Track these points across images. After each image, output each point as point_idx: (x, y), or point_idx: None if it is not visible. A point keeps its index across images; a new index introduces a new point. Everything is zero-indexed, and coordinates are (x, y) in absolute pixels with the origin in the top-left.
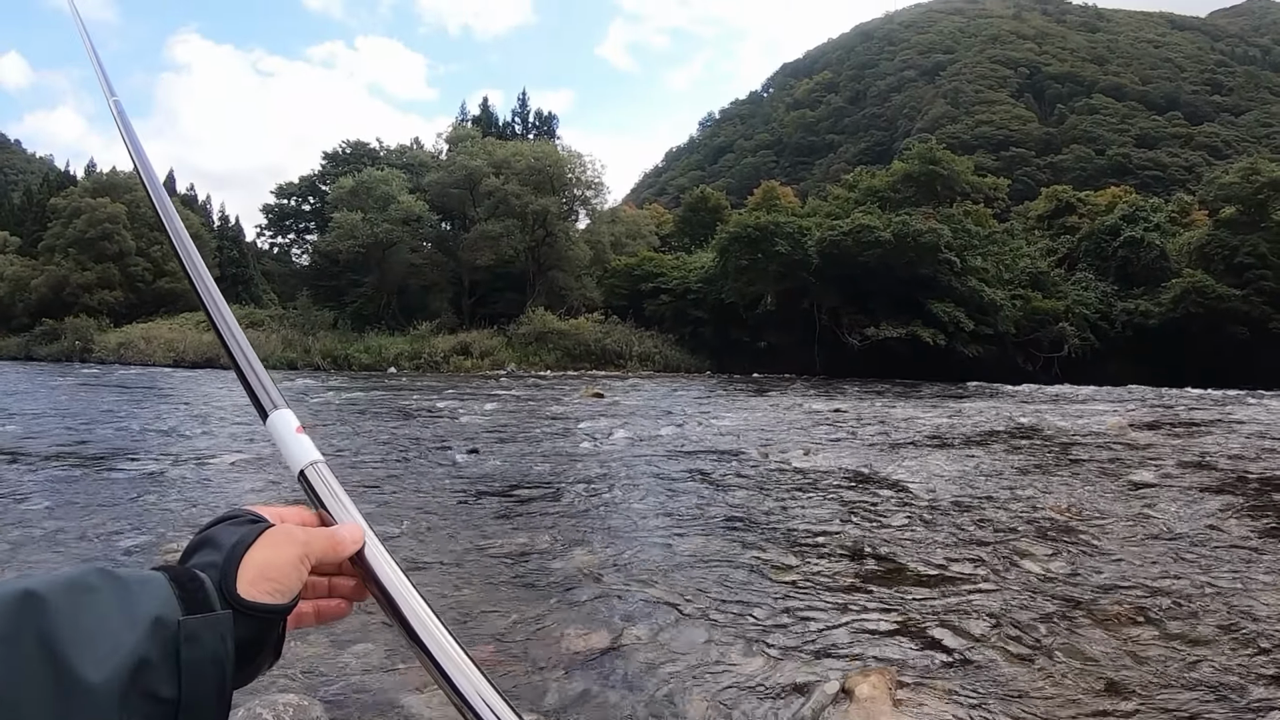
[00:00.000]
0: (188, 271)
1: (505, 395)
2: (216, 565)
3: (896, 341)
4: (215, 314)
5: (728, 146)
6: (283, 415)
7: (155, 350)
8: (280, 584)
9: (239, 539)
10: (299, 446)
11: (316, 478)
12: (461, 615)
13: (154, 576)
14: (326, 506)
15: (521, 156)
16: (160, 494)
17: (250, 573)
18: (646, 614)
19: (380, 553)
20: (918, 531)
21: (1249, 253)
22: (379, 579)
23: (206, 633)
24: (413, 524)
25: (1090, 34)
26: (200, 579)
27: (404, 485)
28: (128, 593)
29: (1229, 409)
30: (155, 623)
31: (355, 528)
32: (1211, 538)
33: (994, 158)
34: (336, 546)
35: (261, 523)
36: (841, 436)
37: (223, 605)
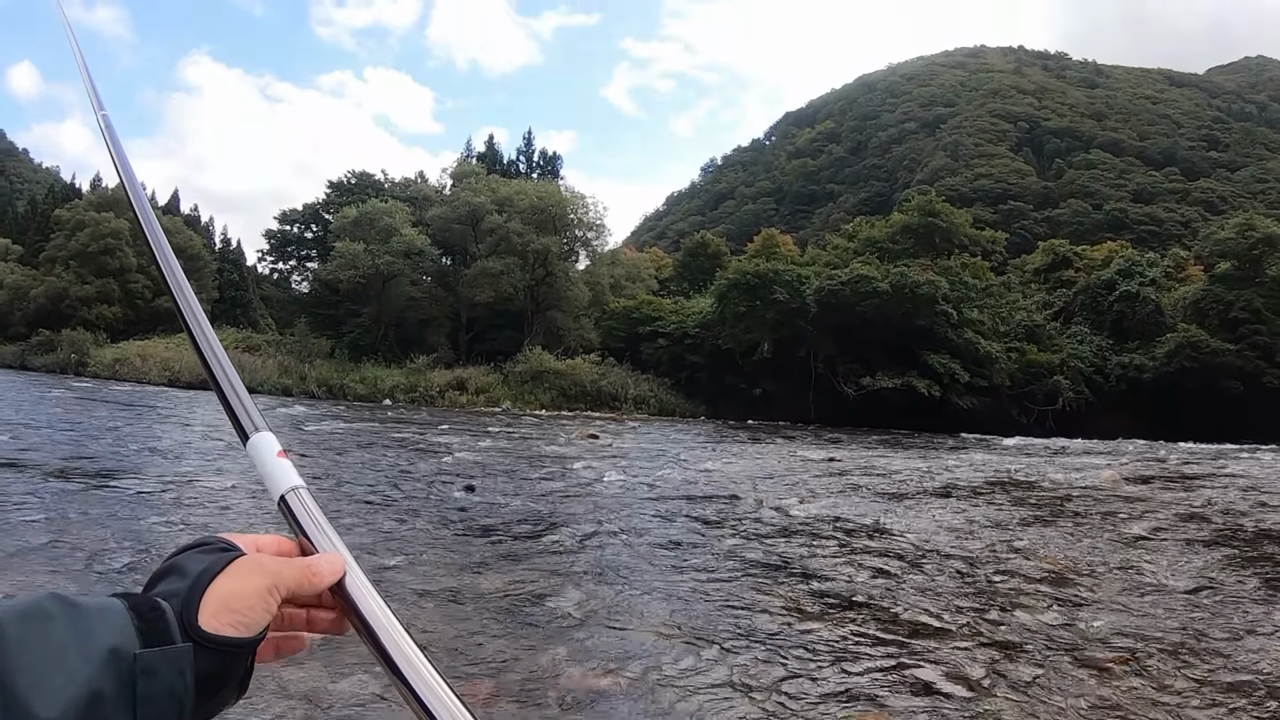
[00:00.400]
0: (170, 288)
1: (500, 433)
2: (179, 594)
3: (892, 392)
4: (197, 331)
5: (729, 193)
6: (264, 438)
7: (151, 369)
8: (245, 616)
9: (205, 567)
10: (280, 471)
11: (298, 504)
12: (459, 651)
13: (112, 605)
14: (308, 534)
15: (525, 195)
16: (156, 514)
17: (214, 604)
18: (644, 655)
19: (362, 584)
20: (914, 580)
21: (1243, 307)
22: (360, 611)
23: (164, 666)
24: (411, 558)
25: (1089, 90)
26: (161, 609)
27: (401, 519)
28: (84, 622)
29: (1222, 463)
30: (111, 654)
31: (335, 558)
32: (1205, 590)
33: (992, 210)
34: (312, 578)
35: (232, 551)
36: (837, 485)
37: (183, 637)
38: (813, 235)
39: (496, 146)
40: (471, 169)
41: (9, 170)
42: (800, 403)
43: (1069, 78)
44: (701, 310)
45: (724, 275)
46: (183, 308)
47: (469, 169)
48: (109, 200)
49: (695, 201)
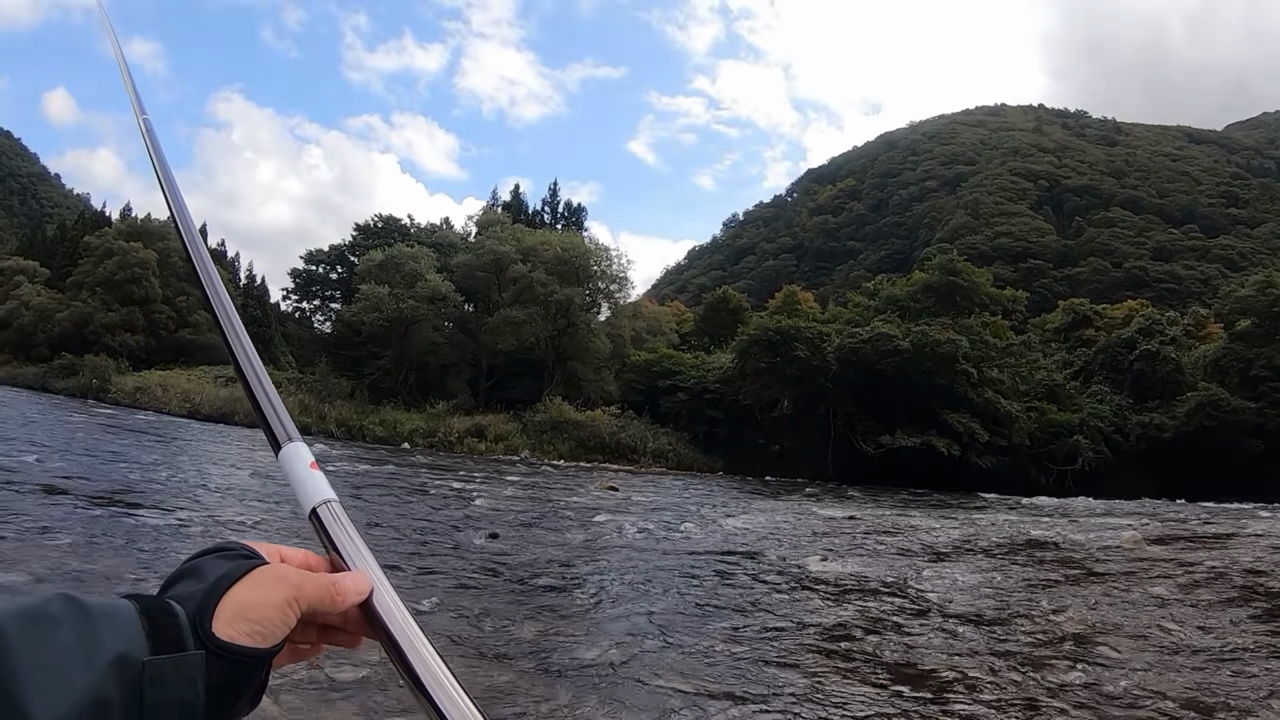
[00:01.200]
0: (206, 293)
1: (520, 482)
2: (195, 598)
3: (911, 450)
4: (232, 338)
5: (750, 248)
6: (297, 449)
7: (171, 399)
8: (262, 627)
9: (224, 573)
10: (312, 483)
11: (329, 517)
12: (491, 698)
13: (122, 607)
14: (339, 549)
15: (549, 245)
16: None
17: (230, 611)
18: (675, 709)
19: (392, 602)
20: (937, 639)
21: (1264, 365)
22: (389, 631)
23: (174, 675)
24: (441, 604)
25: (1109, 148)
26: (174, 613)
27: (427, 564)
28: (91, 626)
29: (1243, 522)
30: (118, 661)
31: (362, 576)
32: (1229, 651)
33: (1012, 269)
34: (335, 596)
35: (255, 559)
36: (857, 544)
37: (196, 644)
38: (833, 292)
39: (522, 196)
40: (497, 217)
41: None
42: (819, 460)
43: (1089, 136)
44: (722, 365)
45: (745, 331)
46: (219, 313)
47: (494, 217)
48: (138, 230)
49: (716, 256)
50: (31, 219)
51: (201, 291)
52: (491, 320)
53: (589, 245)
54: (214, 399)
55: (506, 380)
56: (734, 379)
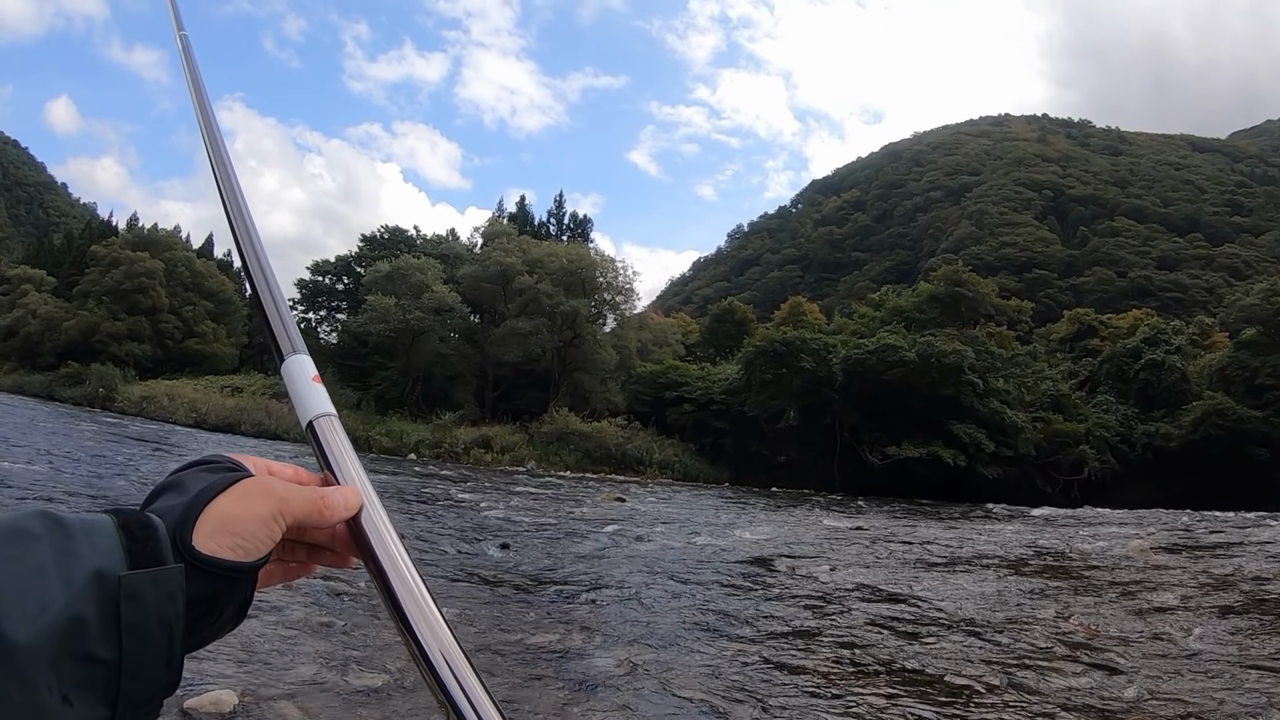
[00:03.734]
0: (224, 199)
1: (527, 493)
2: (175, 511)
3: (917, 461)
4: (245, 241)
5: (754, 259)
6: (300, 361)
7: (178, 409)
8: (244, 540)
9: (206, 486)
10: (312, 396)
11: (325, 431)
12: (512, 709)
13: (101, 523)
14: (331, 464)
15: (555, 257)
16: None
17: (211, 524)
18: (688, 715)
19: (381, 522)
20: (946, 646)
21: (1270, 374)
22: (374, 552)
23: (152, 590)
24: (456, 613)
25: (1113, 157)
26: (153, 527)
27: (440, 573)
28: (69, 542)
29: (1250, 531)
30: (95, 577)
31: (352, 491)
32: (1233, 658)
33: (1017, 279)
34: (324, 510)
35: (240, 472)
36: (865, 553)
37: (175, 558)
38: (838, 303)
39: (528, 207)
40: (503, 229)
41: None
42: (825, 471)
43: (1092, 145)
44: (727, 376)
45: (751, 342)
46: (234, 217)
47: (501, 229)
48: (145, 240)
49: (721, 267)
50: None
51: (218, 188)
52: (498, 331)
53: (594, 257)
54: (220, 409)
55: (512, 391)
56: (740, 390)
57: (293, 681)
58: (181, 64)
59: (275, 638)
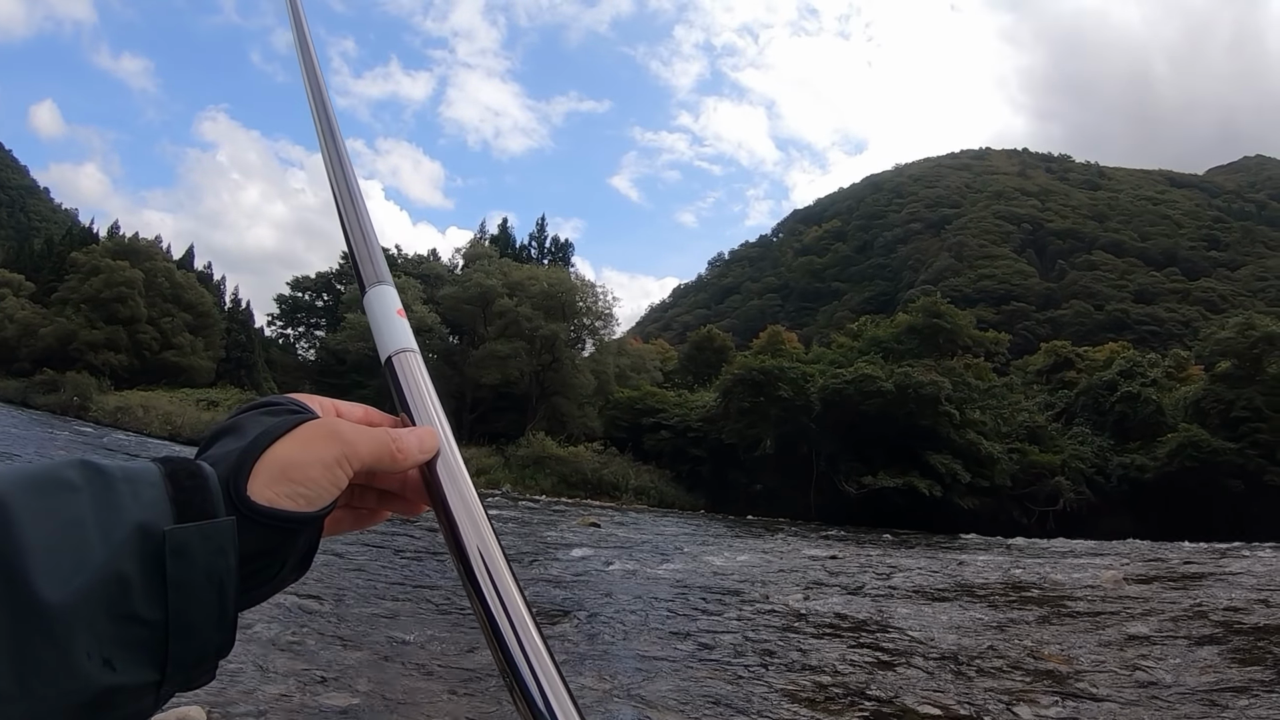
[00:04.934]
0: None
1: (501, 515)
2: (229, 459)
3: (893, 491)
4: (334, 166)
5: (735, 287)
6: (384, 292)
7: (152, 420)
8: (305, 488)
9: (265, 430)
10: (394, 329)
11: (404, 368)
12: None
13: (146, 471)
14: (409, 404)
15: (536, 281)
16: None
17: (269, 471)
18: None
19: (457, 470)
20: (919, 675)
21: (1244, 406)
22: (447, 502)
23: (201, 545)
24: (428, 636)
25: (1092, 191)
26: (202, 476)
27: (412, 595)
28: (109, 493)
29: (1224, 562)
30: (138, 531)
31: (428, 433)
32: (1208, 687)
33: (995, 311)
34: (396, 454)
35: (304, 414)
36: (839, 583)
37: (228, 509)
38: (817, 332)
39: (510, 230)
40: (484, 251)
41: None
42: (801, 500)
43: (1072, 179)
44: (705, 404)
45: (729, 370)
46: (323, 136)
47: (482, 250)
48: (125, 249)
49: (701, 295)
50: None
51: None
52: (476, 354)
53: (575, 281)
54: (195, 422)
55: (490, 414)
56: (717, 418)
57: (262, 699)
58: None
59: (244, 654)
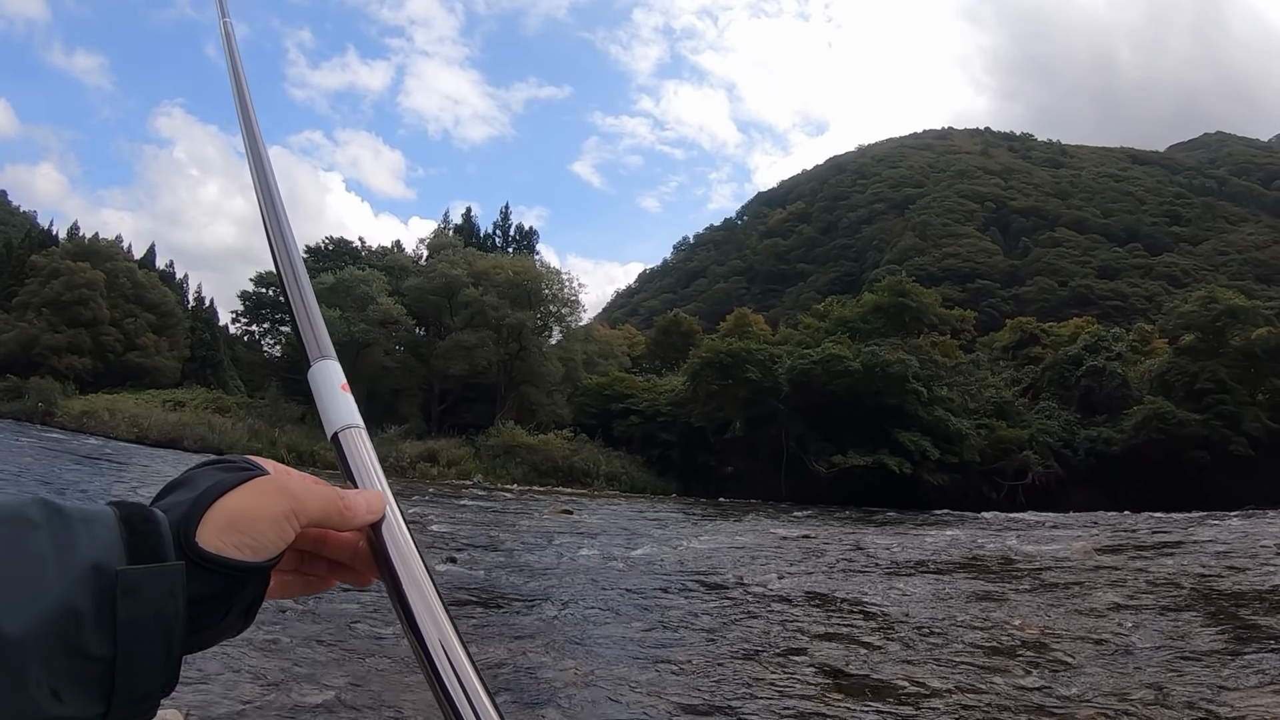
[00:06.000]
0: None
1: (474, 506)
2: (181, 507)
3: (863, 470)
4: (278, 242)
5: (700, 271)
6: (328, 367)
7: (119, 423)
8: (252, 538)
9: (216, 482)
10: (339, 405)
11: (351, 444)
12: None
13: (102, 514)
14: (357, 479)
15: (501, 269)
16: None
17: (218, 521)
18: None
19: (401, 533)
20: (895, 650)
21: (1208, 378)
22: (394, 568)
23: (150, 586)
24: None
25: (1054, 169)
26: (155, 521)
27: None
28: (68, 532)
29: (1191, 530)
30: (92, 569)
31: (376, 495)
32: (1177, 651)
33: (960, 289)
34: (344, 511)
35: (255, 471)
36: (813, 561)
37: (177, 554)
38: (784, 314)
39: (474, 219)
40: (449, 240)
41: None
42: (772, 481)
43: (1034, 158)
44: (674, 388)
45: (697, 354)
46: (267, 215)
47: (446, 240)
48: (85, 250)
49: (667, 279)
50: None
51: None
52: (443, 344)
53: (540, 269)
54: (163, 423)
55: (459, 405)
56: (686, 402)
57: (239, 699)
58: (225, 52)
59: (221, 655)
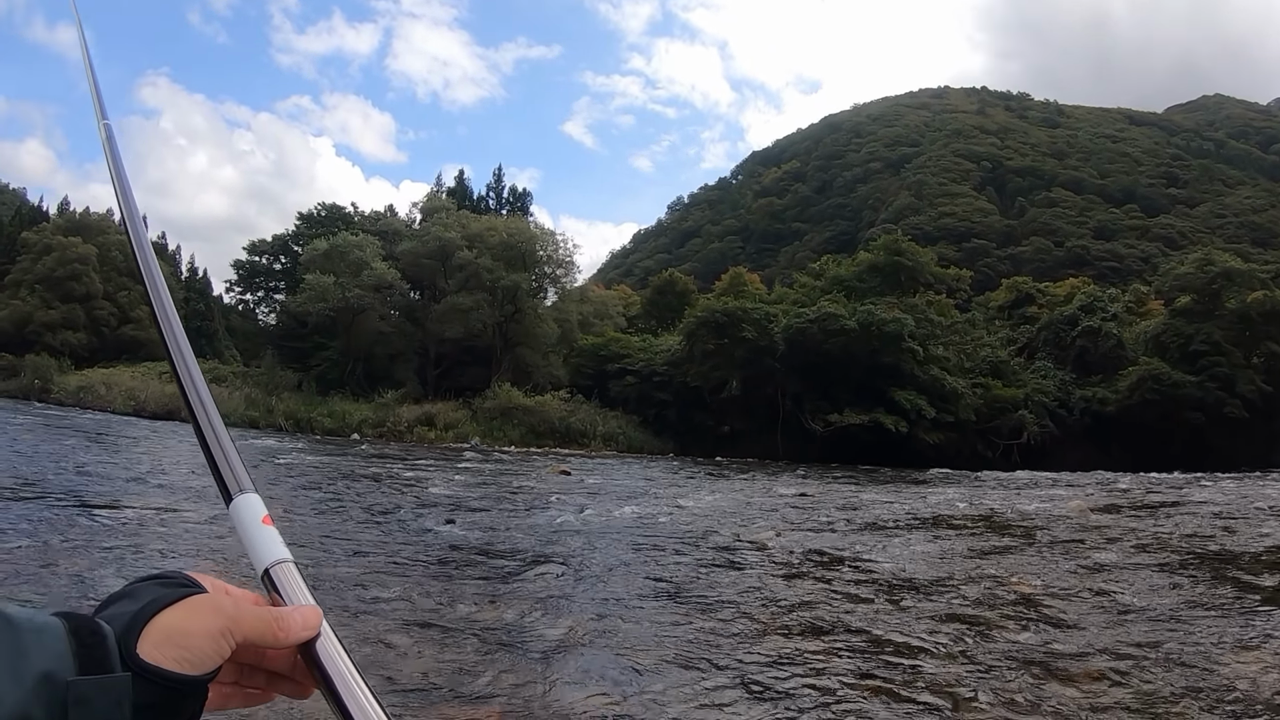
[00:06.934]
0: (159, 325)
1: (472, 469)
2: (123, 620)
3: (859, 428)
4: (186, 378)
5: (695, 231)
6: (249, 501)
7: (116, 397)
8: (190, 653)
9: (156, 597)
10: (264, 541)
11: (284, 580)
12: (463, 677)
13: (51, 624)
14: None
15: (495, 231)
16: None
17: (157, 634)
18: (637, 680)
19: (336, 649)
20: (892, 606)
21: (1203, 340)
22: (332, 682)
23: (100, 697)
24: (402, 590)
25: (1051, 129)
26: (102, 633)
27: (387, 553)
28: (18, 641)
29: (1185, 491)
30: (43, 679)
31: (312, 611)
32: (1171, 608)
33: (956, 249)
34: (277, 631)
35: (193, 588)
36: (810, 520)
37: (123, 666)
38: (779, 273)
39: (467, 182)
40: (442, 203)
41: None
42: (768, 440)
43: (1031, 118)
44: (669, 348)
45: (692, 313)
46: (171, 347)
47: (439, 204)
48: (77, 225)
49: (662, 239)
50: None
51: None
52: (438, 308)
53: (534, 230)
54: (159, 396)
55: (455, 368)
56: (682, 361)
57: None
58: (105, 154)
59: None
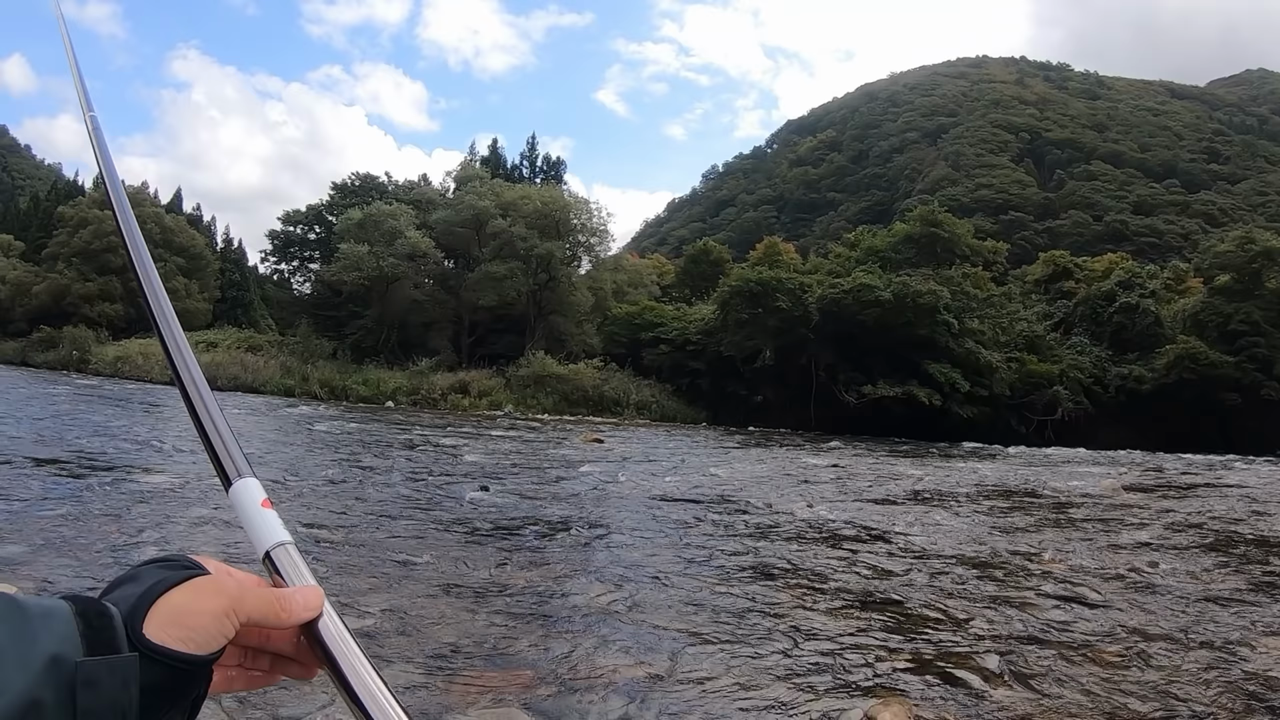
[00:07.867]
0: (151, 311)
1: (506, 436)
2: (129, 600)
3: (892, 400)
4: (180, 361)
5: (729, 200)
6: (247, 485)
7: (152, 367)
8: (194, 633)
9: (160, 579)
10: (264, 524)
11: (284, 562)
12: (495, 644)
13: (58, 608)
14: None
15: (529, 200)
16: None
17: (163, 615)
18: (669, 647)
19: (338, 628)
20: (922, 580)
21: (1242, 320)
22: (336, 661)
23: (108, 677)
24: (437, 555)
25: (1091, 101)
26: (109, 615)
27: (422, 518)
28: (26, 625)
29: (1219, 473)
30: (52, 662)
31: (314, 591)
32: (1202, 592)
33: (993, 221)
34: (280, 611)
35: (197, 570)
36: (841, 491)
37: (130, 646)
38: (814, 243)
39: (500, 150)
40: (475, 172)
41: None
42: (801, 410)
43: (1070, 89)
44: (703, 317)
45: (726, 282)
46: (164, 333)
47: (473, 172)
48: None
49: (696, 208)
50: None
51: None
52: (472, 276)
53: (568, 199)
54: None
55: (489, 336)
56: (716, 330)
57: None
58: (91, 144)
59: None
